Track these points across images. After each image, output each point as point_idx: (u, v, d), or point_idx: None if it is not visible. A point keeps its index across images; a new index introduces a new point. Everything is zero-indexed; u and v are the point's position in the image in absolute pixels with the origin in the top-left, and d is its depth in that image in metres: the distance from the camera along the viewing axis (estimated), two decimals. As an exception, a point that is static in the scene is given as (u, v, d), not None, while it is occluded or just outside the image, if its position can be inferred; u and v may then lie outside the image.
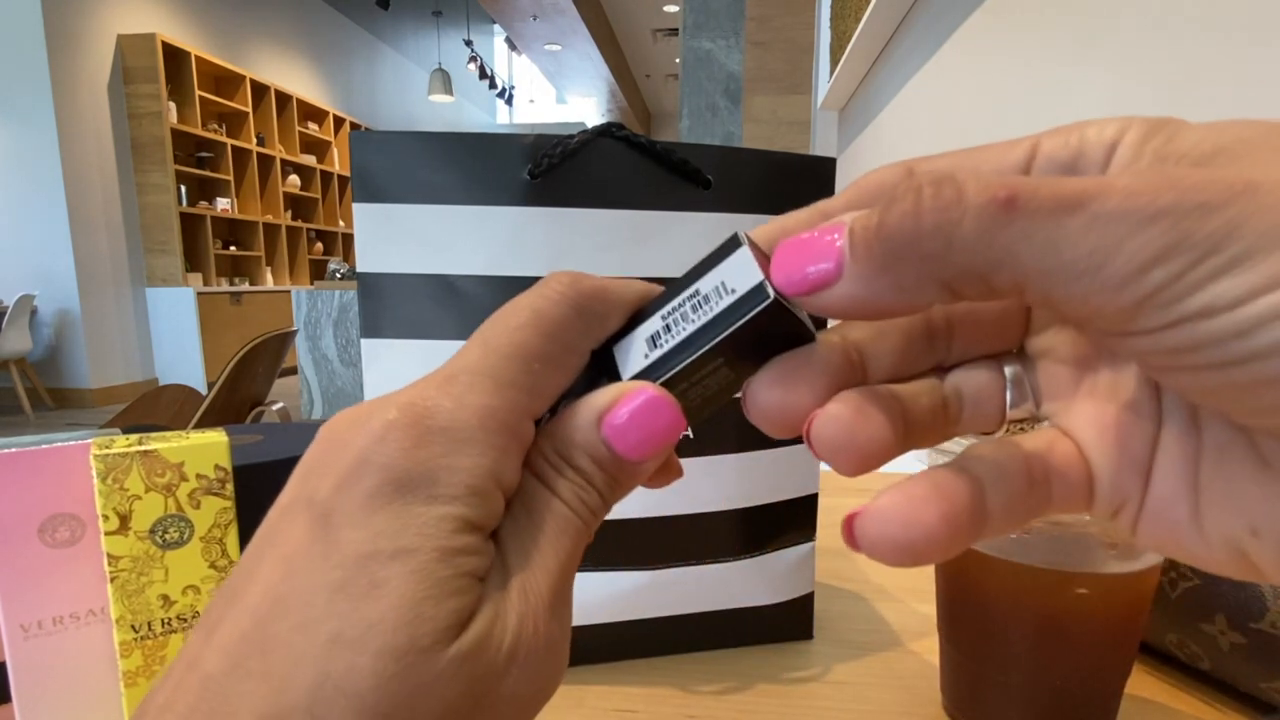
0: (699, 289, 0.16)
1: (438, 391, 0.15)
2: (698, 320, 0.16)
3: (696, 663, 0.42)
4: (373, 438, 0.15)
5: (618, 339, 0.18)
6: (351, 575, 0.14)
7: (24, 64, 4.65)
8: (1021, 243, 0.12)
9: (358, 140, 0.36)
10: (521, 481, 0.16)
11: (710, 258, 0.17)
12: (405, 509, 0.14)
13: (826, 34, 2.66)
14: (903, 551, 0.14)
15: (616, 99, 10.91)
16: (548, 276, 0.17)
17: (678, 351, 0.16)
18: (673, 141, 0.38)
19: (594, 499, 0.17)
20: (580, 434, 0.17)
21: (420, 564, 0.14)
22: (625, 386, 0.17)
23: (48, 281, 4.88)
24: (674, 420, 0.17)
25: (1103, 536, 0.30)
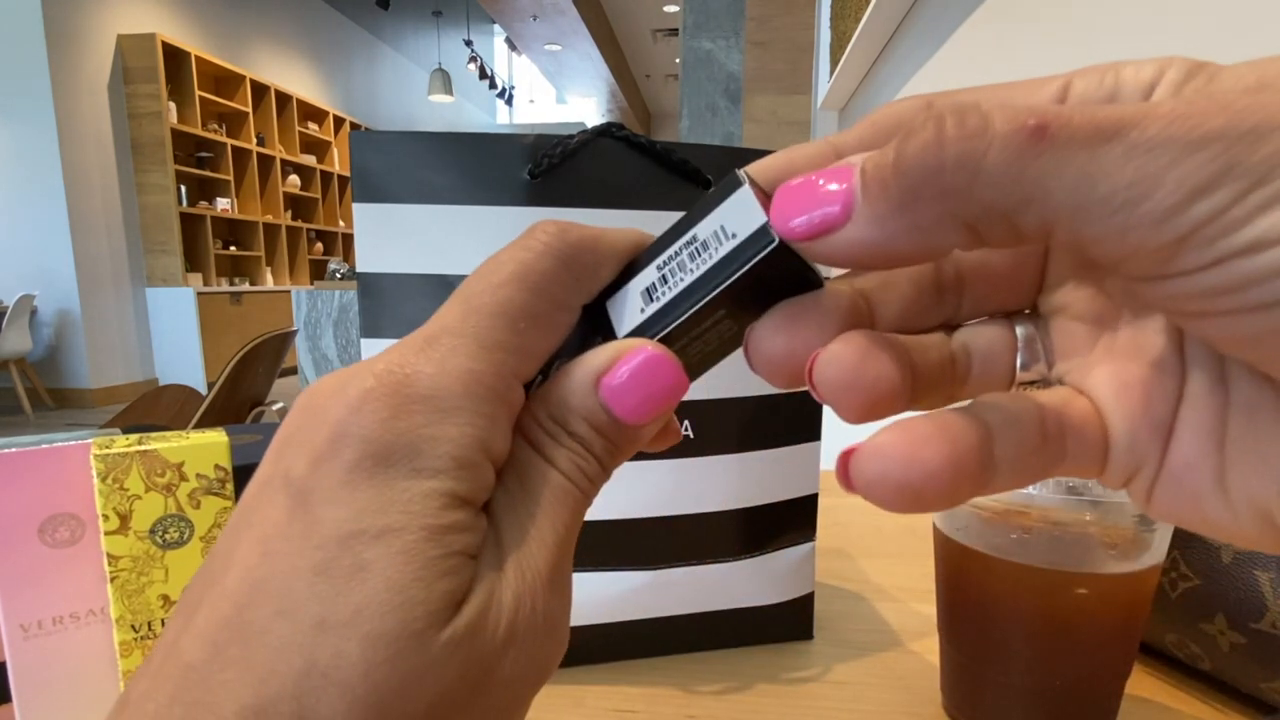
0: (696, 234, 0.15)
1: (417, 356, 0.14)
2: (697, 269, 0.15)
3: (696, 663, 0.42)
4: (349, 408, 0.14)
5: (611, 293, 0.16)
6: (334, 556, 0.13)
7: (24, 64, 4.65)
8: (1053, 175, 0.11)
9: (358, 140, 0.36)
10: (514, 450, 0.15)
11: (709, 199, 0.15)
12: (388, 484, 0.13)
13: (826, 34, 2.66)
14: (901, 492, 0.13)
15: (616, 99, 10.91)
16: (533, 225, 0.16)
17: (676, 304, 0.15)
18: (673, 141, 0.38)
19: (593, 467, 0.16)
20: (576, 398, 0.15)
21: (407, 544, 0.13)
22: (622, 345, 0.16)
23: (48, 281, 4.88)
24: (676, 379, 0.16)
25: (1103, 536, 0.30)
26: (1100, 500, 0.29)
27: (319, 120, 7.54)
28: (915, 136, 0.12)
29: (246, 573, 0.13)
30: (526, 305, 0.15)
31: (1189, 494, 0.14)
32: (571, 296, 0.16)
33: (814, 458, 0.43)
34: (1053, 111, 0.11)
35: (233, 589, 0.13)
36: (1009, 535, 0.31)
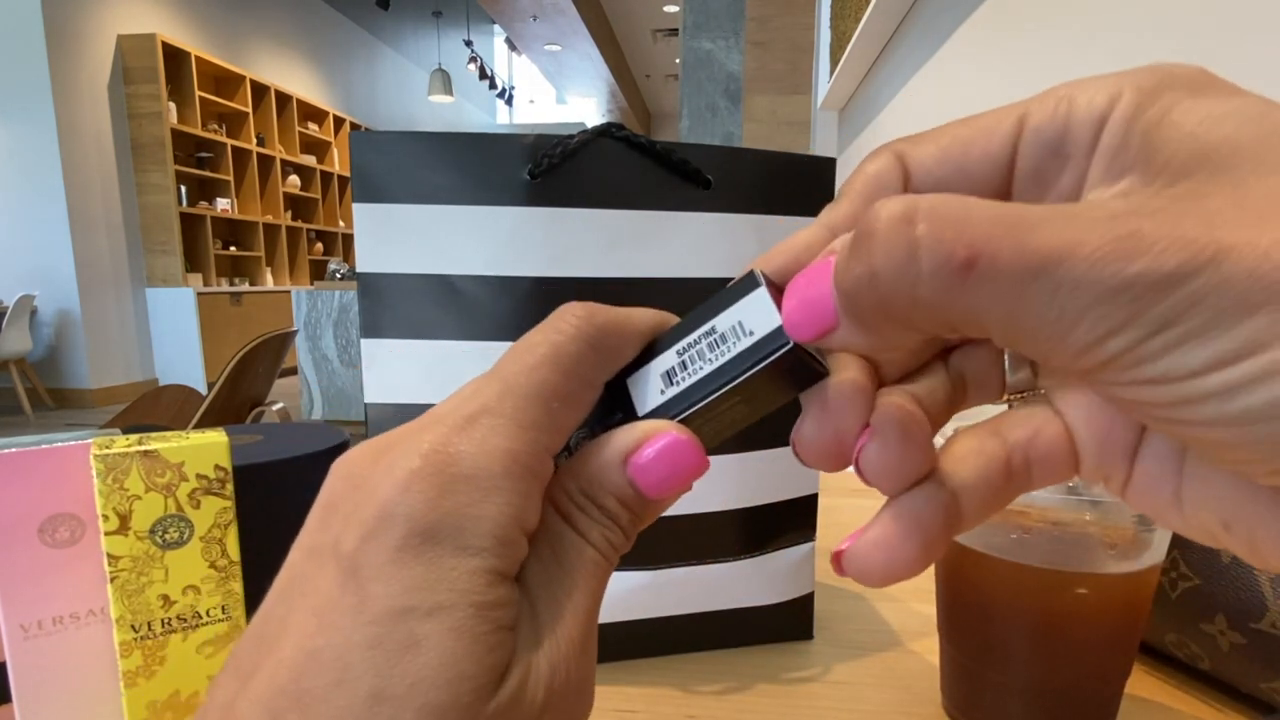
0: (715, 327, 0.16)
1: (459, 436, 0.15)
2: (715, 360, 0.16)
3: (696, 663, 0.42)
4: (397, 487, 0.14)
5: (631, 371, 0.17)
6: (387, 631, 0.14)
7: (24, 64, 4.65)
8: (982, 307, 0.12)
9: (358, 140, 0.36)
10: (546, 522, 0.16)
11: (727, 294, 0.17)
12: (436, 562, 0.14)
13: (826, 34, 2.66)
14: (885, 579, 0.16)
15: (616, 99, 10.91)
16: (561, 309, 0.17)
17: (695, 390, 0.17)
18: (673, 141, 0.38)
19: (619, 538, 0.17)
20: (607, 475, 0.17)
21: (458, 620, 0.14)
22: (650, 428, 0.17)
23: (48, 281, 4.88)
24: (698, 461, 0.17)
25: (1103, 536, 0.30)
26: (1100, 500, 0.29)
27: (319, 120, 7.54)
28: (850, 268, 0.13)
29: (301, 642, 0.14)
30: (559, 386, 0.16)
31: (1152, 504, 0.16)
32: (598, 375, 0.17)
33: (814, 458, 0.43)
34: (983, 242, 0.12)
35: (288, 657, 0.14)
36: (1009, 535, 0.31)
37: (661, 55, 9.77)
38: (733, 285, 0.17)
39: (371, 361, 0.38)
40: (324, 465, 0.32)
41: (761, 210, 0.40)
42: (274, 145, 6.68)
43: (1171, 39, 0.65)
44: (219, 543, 0.29)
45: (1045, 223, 0.12)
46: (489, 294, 0.37)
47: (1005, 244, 0.12)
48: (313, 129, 7.36)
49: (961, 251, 0.12)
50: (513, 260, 0.37)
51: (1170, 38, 0.66)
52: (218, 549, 0.29)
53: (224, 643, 0.30)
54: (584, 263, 0.37)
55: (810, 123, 3.19)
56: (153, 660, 0.29)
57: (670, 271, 0.39)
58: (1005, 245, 0.12)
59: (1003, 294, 0.12)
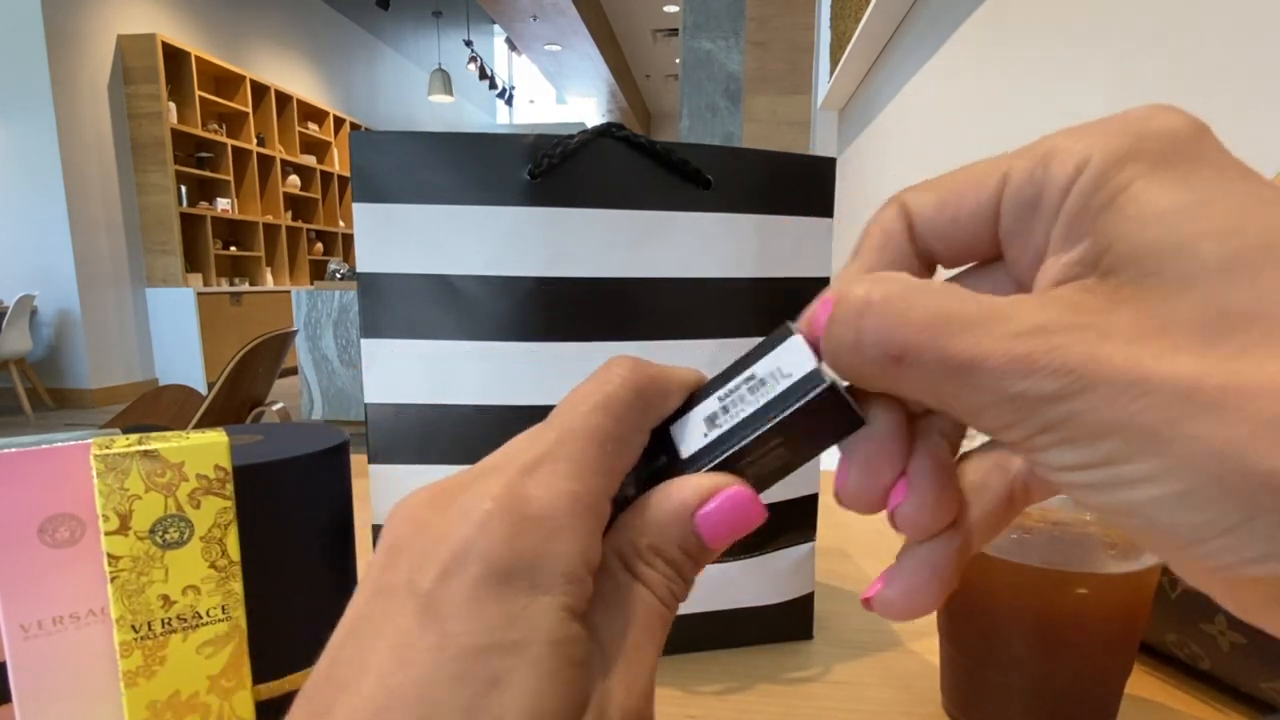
0: (754, 373, 0.17)
1: (526, 480, 0.16)
2: (755, 402, 0.17)
3: (696, 663, 0.42)
4: (473, 527, 0.15)
5: (674, 419, 0.18)
6: (469, 668, 0.14)
7: (24, 64, 4.65)
8: (913, 388, 0.15)
9: (358, 140, 0.36)
10: (609, 571, 0.17)
11: (763, 345, 0.18)
12: (512, 600, 0.15)
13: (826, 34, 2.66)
14: (910, 618, 0.18)
15: (616, 99, 10.91)
16: (609, 362, 0.18)
17: (737, 431, 0.17)
18: (673, 141, 0.38)
19: (680, 587, 0.18)
20: (674, 528, 0.17)
21: (538, 656, 0.14)
22: (714, 482, 0.18)
23: (48, 281, 4.88)
24: (758, 511, 0.18)
25: (1103, 536, 0.30)
26: (1100, 500, 0.29)
27: (319, 120, 7.54)
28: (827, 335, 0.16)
29: (382, 679, 0.14)
30: (611, 430, 0.17)
31: None
32: (645, 422, 0.18)
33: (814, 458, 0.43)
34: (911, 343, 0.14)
35: (369, 694, 0.14)
36: (1009, 535, 0.31)
37: (661, 55, 9.76)
38: (769, 338, 0.18)
39: (371, 361, 0.38)
40: (324, 465, 0.32)
41: (762, 210, 0.40)
42: (274, 145, 6.67)
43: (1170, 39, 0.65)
44: (219, 543, 0.29)
45: (969, 329, 0.14)
46: (489, 294, 0.37)
47: (929, 348, 0.14)
48: (313, 129, 7.36)
49: (894, 350, 0.14)
50: (513, 260, 0.37)
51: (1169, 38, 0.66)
52: (218, 549, 0.29)
53: (224, 642, 0.30)
54: (584, 263, 0.37)
55: (810, 123, 3.19)
56: (153, 660, 0.29)
57: (670, 271, 0.39)
58: (929, 349, 0.14)
59: (928, 383, 0.14)
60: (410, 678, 0.14)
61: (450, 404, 0.38)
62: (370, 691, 0.14)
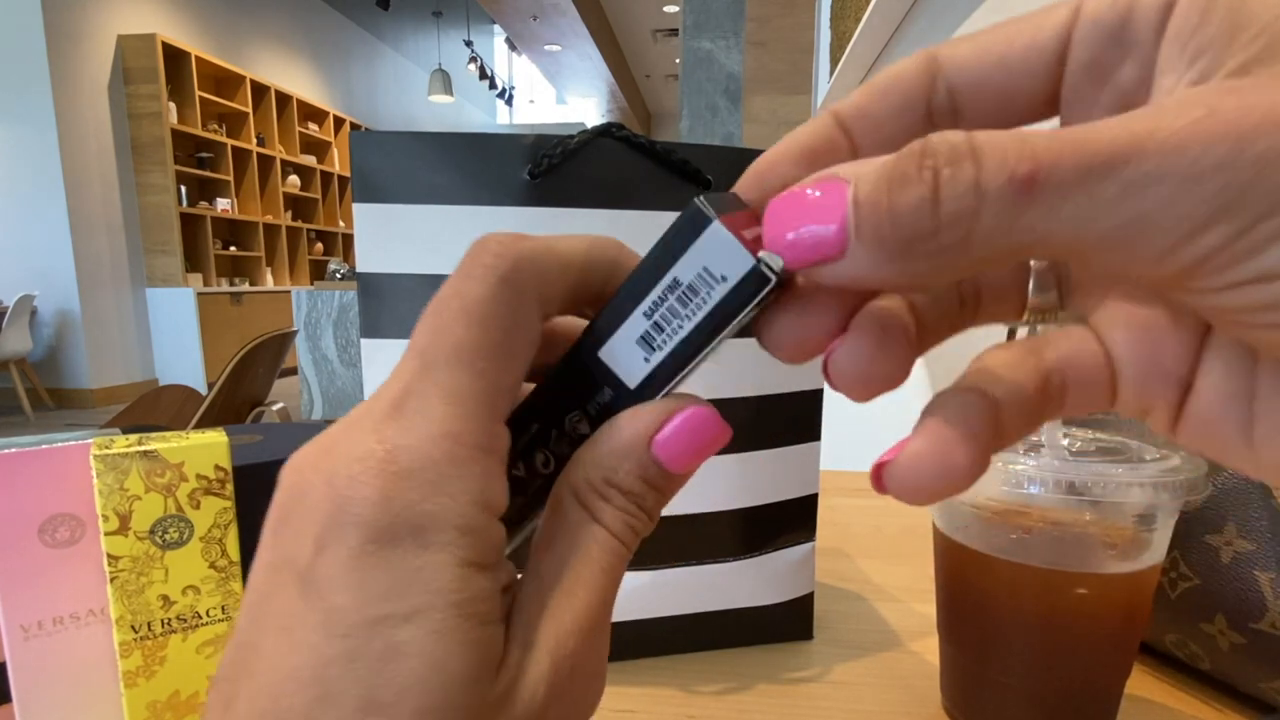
0: (678, 278, 0.15)
1: (391, 428, 0.14)
2: (692, 315, 0.15)
3: (696, 663, 0.42)
4: (341, 494, 0.14)
5: (598, 343, 0.16)
6: (363, 642, 0.13)
7: (24, 64, 4.65)
8: (1049, 221, 0.11)
9: (358, 140, 0.36)
10: (564, 512, 0.16)
11: (676, 236, 0.15)
12: (400, 564, 0.13)
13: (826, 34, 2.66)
14: (935, 491, 0.14)
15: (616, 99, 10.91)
16: (474, 246, 0.15)
17: (682, 351, 0.16)
18: (673, 141, 0.38)
19: (641, 521, 0.16)
20: (631, 457, 0.16)
21: (437, 621, 0.13)
22: (670, 404, 0.16)
23: (48, 281, 4.88)
24: (721, 430, 0.16)
25: (1103, 536, 0.30)
26: (1100, 500, 0.29)
27: (319, 120, 7.53)
28: (906, 190, 0.12)
29: (276, 663, 0.14)
30: (480, 342, 0.15)
31: (1214, 439, 0.14)
32: (527, 315, 0.15)
33: (814, 458, 0.43)
34: (1043, 153, 0.11)
35: (265, 681, 0.13)
36: (1009, 535, 0.31)
37: (661, 55, 9.76)
38: (678, 222, 0.15)
39: (371, 361, 0.38)
40: (324, 465, 0.32)
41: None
42: (274, 145, 6.67)
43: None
44: (219, 543, 0.29)
45: (1108, 125, 0.11)
46: (489, 294, 0.37)
47: (1067, 149, 0.11)
48: (313, 129, 7.35)
49: (1024, 166, 0.11)
50: (513, 260, 0.37)
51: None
52: (218, 549, 0.29)
53: (224, 643, 0.30)
54: (584, 263, 0.37)
55: (810, 123, 3.19)
56: (153, 660, 0.29)
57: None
58: (1067, 150, 0.11)
59: (1070, 205, 0.11)
60: (303, 660, 0.13)
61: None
62: (266, 677, 0.13)
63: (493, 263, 0.15)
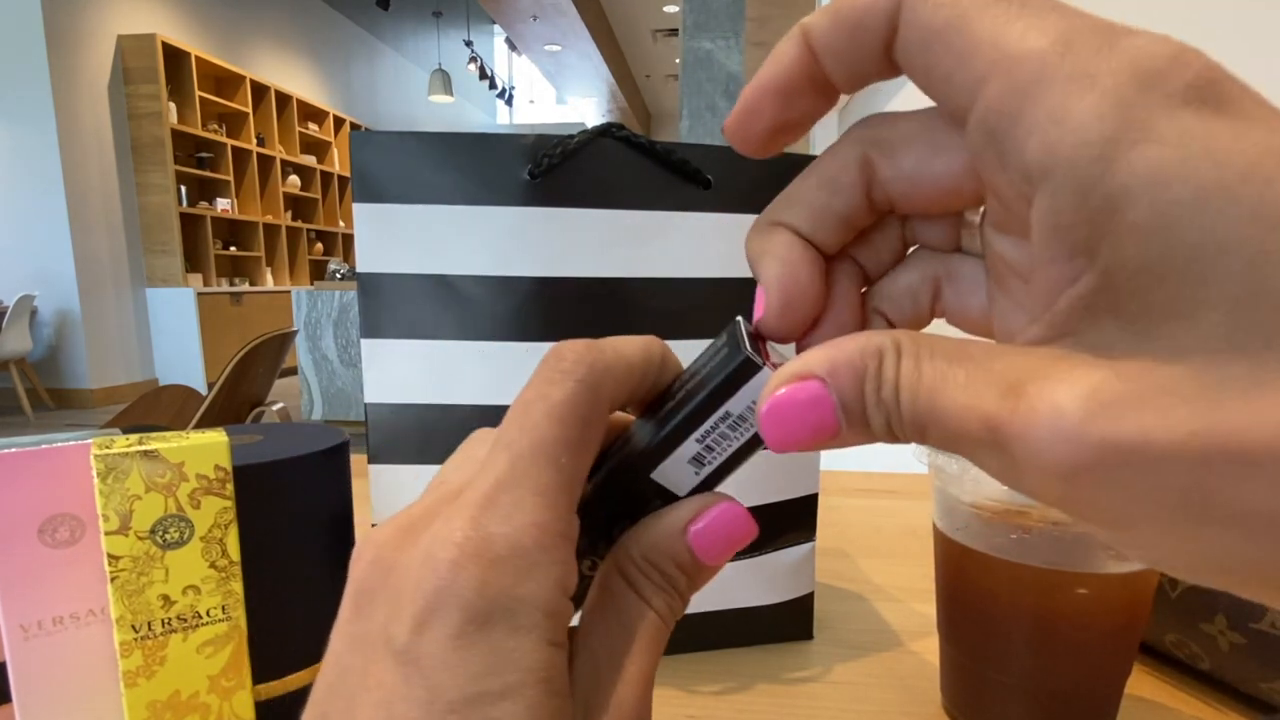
0: (729, 411, 0.17)
1: (486, 517, 0.15)
2: (739, 438, 0.17)
3: (696, 663, 0.42)
4: (443, 575, 0.15)
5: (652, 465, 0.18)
6: (463, 717, 0.14)
7: (24, 64, 4.65)
8: None
9: (358, 140, 0.36)
10: (610, 588, 0.18)
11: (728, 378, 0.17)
12: (496, 645, 0.14)
13: (826, 34, 2.65)
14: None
15: (616, 99, 10.91)
16: (554, 353, 0.17)
17: (728, 465, 0.18)
18: (673, 141, 0.38)
19: (676, 603, 0.18)
20: (668, 543, 0.18)
21: (529, 698, 0.14)
22: (706, 499, 0.18)
23: (48, 281, 4.88)
24: (749, 527, 0.18)
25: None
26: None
27: (319, 120, 7.54)
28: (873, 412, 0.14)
29: None
30: (561, 438, 0.16)
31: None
32: (601, 416, 0.17)
33: (814, 458, 0.43)
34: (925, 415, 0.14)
35: None
36: (1009, 535, 0.31)
37: (661, 55, 9.77)
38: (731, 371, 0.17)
39: (371, 361, 0.38)
40: (324, 465, 0.32)
41: (761, 210, 0.40)
42: (274, 145, 6.67)
43: (1171, 39, 0.65)
44: (219, 543, 0.29)
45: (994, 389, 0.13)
46: (489, 294, 0.37)
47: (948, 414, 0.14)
48: (313, 129, 7.36)
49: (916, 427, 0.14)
50: (513, 260, 0.37)
51: (1170, 38, 0.65)
52: (218, 549, 0.29)
53: (224, 643, 0.30)
54: (584, 263, 0.37)
55: (810, 123, 3.19)
56: (153, 660, 0.29)
57: (670, 271, 0.39)
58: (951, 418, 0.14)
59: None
60: None
61: (450, 404, 0.38)
62: None
63: (571, 369, 0.17)
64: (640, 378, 0.18)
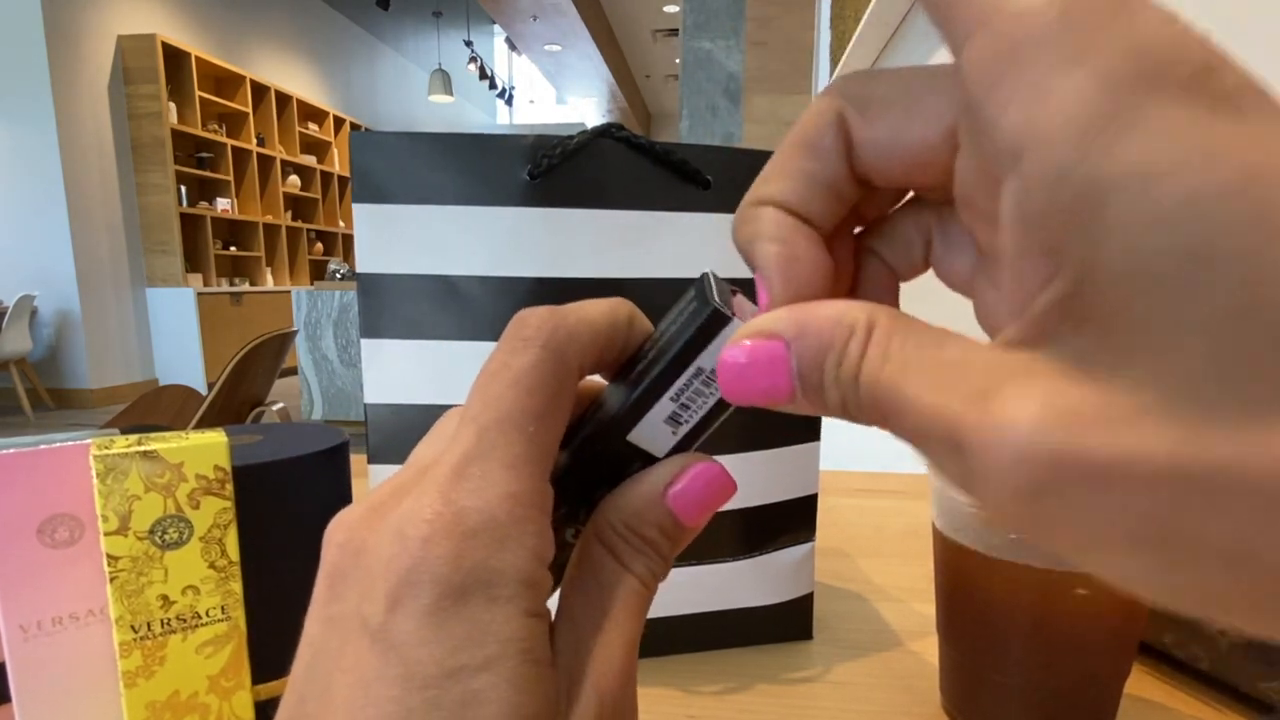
0: (702, 367, 0.17)
1: (456, 491, 0.15)
2: (714, 394, 0.17)
3: (696, 663, 0.42)
4: (414, 551, 0.14)
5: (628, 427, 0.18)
6: (443, 692, 0.14)
7: (24, 64, 4.65)
8: None
9: (358, 140, 0.36)
10: (591, 555, 0.17)
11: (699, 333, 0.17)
12: (473, 618, 0.14)
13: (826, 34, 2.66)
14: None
15: (616, 100, 10.91)
16: (516, 320, 0.17)
17: (705, 423, 0.18)
18: (673, 142, 0.38)
19: (659, 566, 0.18)
20: (648, 507, 0.17)
21: (510, 669, 0.14)
22: (683, 460, 0.18)
23: (48, 282, 4.88)
24: (728, 484, 0.18)
25: (1102, 536, 0.30)
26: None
27: (319, 120, 7.54)
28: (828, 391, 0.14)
29: (353, 714, 0.14)
30: (528, 407, 0.16)
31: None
32: (569, 381, 0.17)
33: (814, 458, 0.43)
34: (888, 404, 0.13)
35: None
36: (1009, 535, 0.31)
37: (661, 55, 9.77)
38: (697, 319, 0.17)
39: (371, 361, 0.38)
40: (324, 465, 0.32)
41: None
42: (274, 145, 6.67)
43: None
44: (219, 543, 0.29)
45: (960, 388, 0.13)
46: (489, 294, 0.37)
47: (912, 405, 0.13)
48: (313, 129, 7.36)
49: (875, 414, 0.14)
50: (513, 260, 0.37)
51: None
52: (217, 549, 0.29)
53: (223, 643, 0.30)
54: (584, 263, 0.37)
55: (810, 123, 3.18)
56: (152, 660, 0.29)
57: (670, 271, 0.39)
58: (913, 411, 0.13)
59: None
60: (383, 712, 0.14)
61: (450, 404, 0.37)
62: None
63: (534, 335, 0.16)
64: (607, 341, 0.18)
